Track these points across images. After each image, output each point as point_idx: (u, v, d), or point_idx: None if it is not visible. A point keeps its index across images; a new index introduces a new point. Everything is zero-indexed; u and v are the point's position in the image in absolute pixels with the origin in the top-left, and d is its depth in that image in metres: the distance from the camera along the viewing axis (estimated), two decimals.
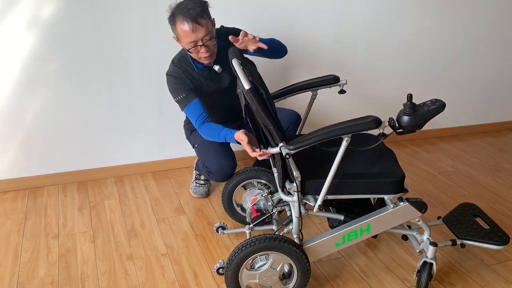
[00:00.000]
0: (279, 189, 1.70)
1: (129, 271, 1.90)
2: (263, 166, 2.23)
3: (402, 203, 1.63)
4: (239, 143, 1.83)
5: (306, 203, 1.70)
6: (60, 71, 2.38)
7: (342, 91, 1.97)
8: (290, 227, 1.76)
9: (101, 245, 2.06)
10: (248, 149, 1.74)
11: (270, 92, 1.91)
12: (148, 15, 2.40)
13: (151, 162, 2.73)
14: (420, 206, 1.63)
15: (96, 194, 2.49)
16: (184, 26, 1.90)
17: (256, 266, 1.65)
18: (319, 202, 1.59)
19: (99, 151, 2.61)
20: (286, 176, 1.64)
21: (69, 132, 2.51)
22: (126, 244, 2.08)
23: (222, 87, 2.17)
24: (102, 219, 2.26)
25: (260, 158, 1.71)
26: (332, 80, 1.95)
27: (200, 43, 1.94)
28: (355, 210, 1.77)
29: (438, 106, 1.44)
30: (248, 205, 2.03)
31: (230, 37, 1.80)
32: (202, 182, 2.48)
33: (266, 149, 1.61)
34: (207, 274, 1.90)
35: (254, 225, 1.93)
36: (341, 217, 1.73)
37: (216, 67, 2.08)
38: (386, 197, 1.65)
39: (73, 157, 2.57)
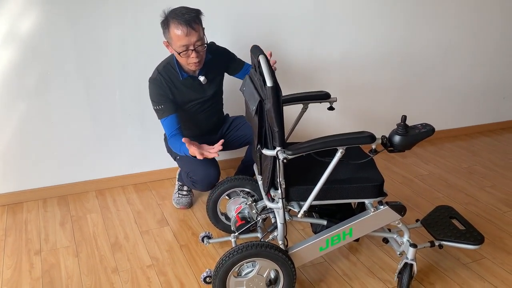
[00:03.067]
0: (264, 196, 1.74)
1: (115, 284, 1.90)
2: (246, 174, 2.27)
3: (382, 206, 1.70)
4: (194, 156, 1.89)
5: (290, 209, 1.74)
6: (39, 84, 2.36)
7: (331, 108, 2.07)
8: (275, 233, 1.80)
9: (85, 259, 2.05)
10: (201, 156, 1.83)
11: None
12: (128, 28, 2.42)
13: (132, 174, 2.73)
14: (400, 209, 1.70)
15: (77, 208, 2.47)
16: (178, 30, 1.97)
17: (243, 273, 1.67)
18: (304, 208, 1.63)
19: (79, 164, 2.59)
20: (272, 183, 1.67)
21: (48, 146, 2.49)
22: (110, 257, 2.07)
23: (204, 97, 2.22)
24: (85, 233, 2.25)
25: (212, 156, 1.81)
26: (323, 96, 2.04)
27: (191, 47, 2.00)
28: (337, 215, 1.82)
29: (428, 130, 1.58)
30: (232, 214, 2.06)
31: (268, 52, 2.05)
32: (185, 192, 2.50)
33: (262, 149, 1.64)
34: (194, 284, 1.91)
35: (239, 233, 1.96)
36: (324, 222, 1.78)
37: (201, 78, 2.15)
38: (366, 201, 1.71)
39: (52, 171, 2.54)
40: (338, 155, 1.54)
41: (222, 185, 2.13)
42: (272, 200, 1.71)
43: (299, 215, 1.65)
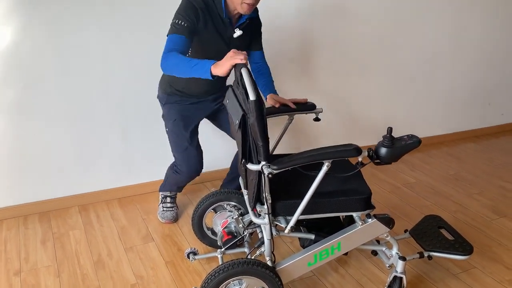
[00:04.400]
0: (250, 211, 1.70)
1: None
2: (232, 187, 2.23)
3: (370, 219, 1.67)
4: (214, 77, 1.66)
5: (277, 224, 1.70)
6: (18, 98, 2.30)
7: (317, 119, 2.05)
8: (262, 249, 1.76)
9: (66, 279, 1.98)
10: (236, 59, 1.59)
11: None
12: (110, 40, 2.37)
13: (116, 188, 2.67)
14: (388, 221, 1.68)
15: (59, 225, 2.41)
16: None
17: None
18: (291, 223, 1.60)
19: (61, 179, 2.53)
20: (257, 198, 1.64)
21: (28, 161, 2.42)
22: (93, 276, 2.01)
23: (226, 46, 2.01)
24: (67, 251, 2.18)
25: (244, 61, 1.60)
26: (309, 107, 2.03)
27: None
28: (325, 229, 1.79)
29: (414, 141, 1.56)
30: (219, 228, 2.01)
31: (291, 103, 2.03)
32: (169, 205, 2.45)
33: (247, 163, 1.61)
34: None
35: (226, 249, 1.92)
36: (312, 237, 1.74)
37: (237, 31, 2.01)
38: (354, 214, 1.68)
39: (33, 187, 2.47)
40: (324, 169, 1.51)
41: (207, 199, 2.08)
42: (258, 215, 1.67)
43: (286, 231, 1.62)
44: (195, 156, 2.24)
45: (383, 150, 1.54)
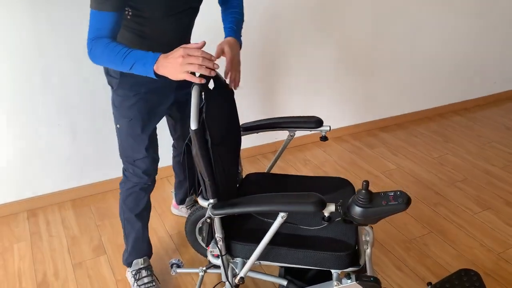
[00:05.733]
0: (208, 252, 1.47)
1: None
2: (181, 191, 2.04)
3: (349, 281, 1.33)
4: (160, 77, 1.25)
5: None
6: None
7: (324, 138, 1.71)
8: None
9: None
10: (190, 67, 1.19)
11: (242, 121, 1.67)
12: (44, 30, 2.07)
13: (68, 189, 2.45)
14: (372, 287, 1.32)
15: (4, 236, 2.20)
16: None
17: None
18: (241, 274, 1.39)
19: (7, 183, 2.30)
20: (211, 235, 1.42)
21: None
22: None
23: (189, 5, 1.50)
24: (9, 270, 1.99)
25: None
26: (313, 124, 1.67)
27: None
28: (306, 275, 1.55)
29: (399, 204, 1.17)
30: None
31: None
32: (146, 280, 1.82)
33: (197, 196, 1.38)
34: None
35: (208, 268, 1.72)
36: (284, 283, 1.52)
37: None
38: (333, 270, 1.38)
39: None
40: (279, 221, 1.25)
41: (201, 209, 1.88)
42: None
43: (236, 280, 1.40)
44: (151, 164, 1.73)
45: (357, 210, 1.18)
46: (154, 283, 1.82)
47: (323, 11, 2.67)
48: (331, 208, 1.21)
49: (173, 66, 1.19)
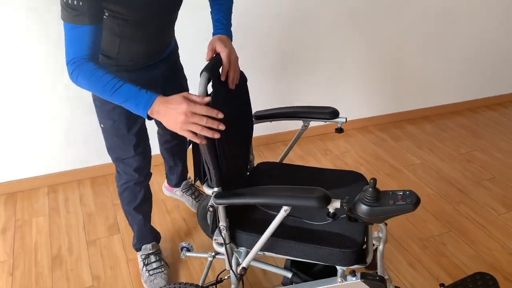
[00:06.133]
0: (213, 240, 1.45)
1: None
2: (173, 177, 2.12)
3: (354, 278, 1.28)
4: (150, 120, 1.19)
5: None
6: None
7: (340, 130, 1.65)
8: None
9: (19, 278, 1.86)
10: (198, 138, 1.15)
11: (256, 110, 1.64)
12: None
13: (88, 167, 2.49)
14: (378, 287, 1.26)
15: (24, 210, 2.27)
16: None
17: None
18: (244, 264, 1.37)
19: (30, 158, 2.36)
20: (216, 224, 1.40)
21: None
22: (48, 275, 1.88)
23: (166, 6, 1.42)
24: (26, 243, 2.05)
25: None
26: (328, 115, 1.61)
27: None
28: (314, 268, 1.51)
29: (407, 204, 1.12)
30: None
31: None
32: (155, 265, 1.83)
33: (203, 184, 1.37)
34: None
35: (217, 254, 1.70)
36: (289, 275, 1.49)
37: None
38: (338, 267, 1.34)
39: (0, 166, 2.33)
40: (282, 214, 1.21)
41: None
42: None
43: (238, 270, 1.38)
44: (142, 162, 1.67)
45: (363, 208, 1.14)
46: (163, 268, 1.83)
47: (355, 3, 2.59)
48: (336, 204, 1.16)
49: (174, 120, 1.13)
